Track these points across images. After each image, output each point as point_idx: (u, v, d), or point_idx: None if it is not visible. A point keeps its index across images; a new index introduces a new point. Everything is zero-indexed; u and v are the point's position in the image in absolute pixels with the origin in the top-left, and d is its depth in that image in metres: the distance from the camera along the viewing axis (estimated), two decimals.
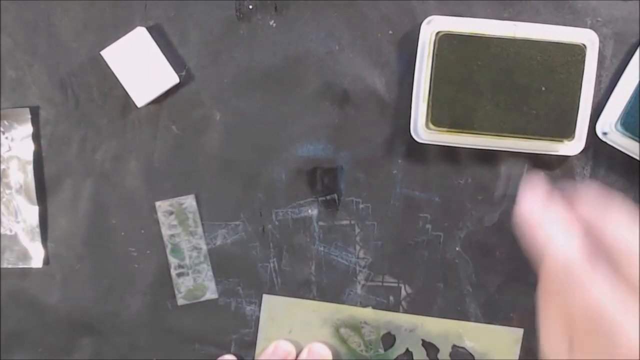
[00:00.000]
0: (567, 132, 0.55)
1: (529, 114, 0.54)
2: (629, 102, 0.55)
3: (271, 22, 0.57)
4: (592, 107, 0.56)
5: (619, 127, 0.55)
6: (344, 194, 0.59)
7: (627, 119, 0.55)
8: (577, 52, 0.54)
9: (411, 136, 0.57)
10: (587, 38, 0.54)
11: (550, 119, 0.54)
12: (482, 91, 0.54)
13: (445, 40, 0.54)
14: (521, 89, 0.54)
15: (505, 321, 0.59)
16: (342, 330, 0.60)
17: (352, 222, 0.59)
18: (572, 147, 0.56)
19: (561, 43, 0.54)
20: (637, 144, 0.55)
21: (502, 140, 0.55)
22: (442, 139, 0.56)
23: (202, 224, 0.59)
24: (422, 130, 0.56)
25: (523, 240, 0.46)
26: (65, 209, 0.59)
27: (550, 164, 0.58)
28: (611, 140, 0.56)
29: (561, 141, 0.55)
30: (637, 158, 0.56)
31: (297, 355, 0.59)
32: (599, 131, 0.56)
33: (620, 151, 0.57)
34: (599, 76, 0.56)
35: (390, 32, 0.57)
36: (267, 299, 0.60)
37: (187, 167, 0.59)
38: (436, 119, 0.55)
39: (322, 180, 0.59)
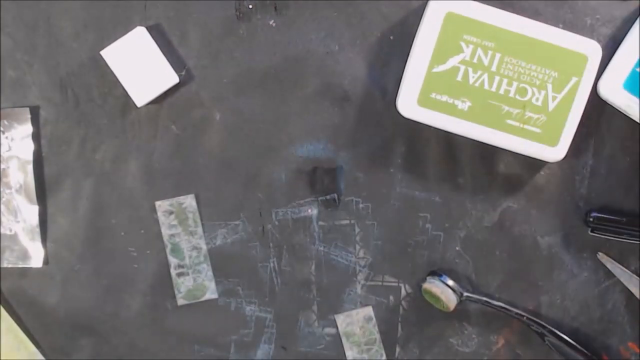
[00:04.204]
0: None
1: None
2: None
3: (271, 22, 0.57)
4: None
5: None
6: (344, 194, 0.59)
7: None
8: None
9: (412, 135, 0.57)
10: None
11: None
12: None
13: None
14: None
15: None
16: None
17: (352, 222, 0.59)
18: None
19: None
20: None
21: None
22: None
23: (202, 224, 0.59)
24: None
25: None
26: (65, 209, 0.59)
27: (550, 164, 0.58)
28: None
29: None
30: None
31: None
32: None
33: (620, 151, 0.57)
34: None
35: (391, 37, 0.57)
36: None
37: (187, 167, 0.59)
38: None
39: (322, 180, 0.59)
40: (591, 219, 0.57)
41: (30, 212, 0.59)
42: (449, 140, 0.58)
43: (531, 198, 0.59)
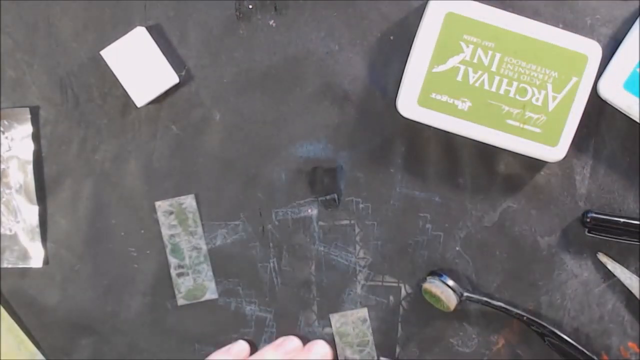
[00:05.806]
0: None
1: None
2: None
3: (271, 22, 0.57)
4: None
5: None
6: (344, 194, 0.59)
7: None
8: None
9: (412, 135, 0.57)
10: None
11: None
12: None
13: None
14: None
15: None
16: None
17: (352, 222, 0.59)
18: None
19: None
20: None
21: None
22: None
23: (202, 224, 0.59)
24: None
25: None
26: (65, 209, 0.59)
27: (550, 164, 0.58)
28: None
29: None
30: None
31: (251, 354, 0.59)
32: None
33: (620, 151, 0.57)
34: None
35: (391, 37, 0.57)
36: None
37: (187, 167, 0.59)
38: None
39: (322, 180, 0.59)
40: (588, 220, 0.57)
41: (30, 212, 0.59)
42: (449, 140, 0.58)
43: (531, 198, 0.59)
